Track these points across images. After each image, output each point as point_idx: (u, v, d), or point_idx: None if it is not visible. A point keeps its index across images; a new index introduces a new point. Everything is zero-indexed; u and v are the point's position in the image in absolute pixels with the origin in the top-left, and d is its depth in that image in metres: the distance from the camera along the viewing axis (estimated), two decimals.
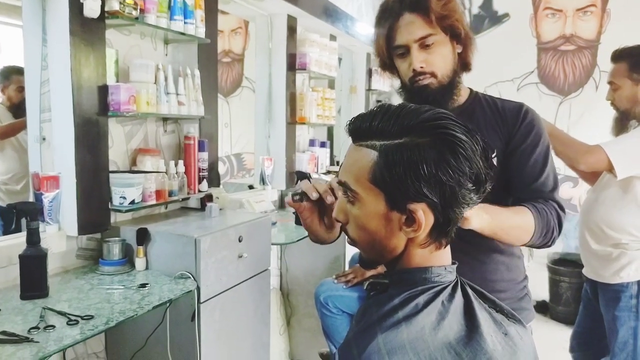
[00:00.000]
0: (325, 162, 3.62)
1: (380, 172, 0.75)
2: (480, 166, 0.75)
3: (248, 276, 2.10)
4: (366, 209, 0.79)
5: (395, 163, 0.74)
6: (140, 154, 2.10)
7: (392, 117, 0.76)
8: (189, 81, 2.15)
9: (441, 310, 0.77)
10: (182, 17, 2.03)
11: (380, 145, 0.76)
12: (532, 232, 1.17)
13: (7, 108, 2.87)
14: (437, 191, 0.74)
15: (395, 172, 0.74)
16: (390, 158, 0.74)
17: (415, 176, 0.73)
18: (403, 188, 0.74)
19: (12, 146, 2.86)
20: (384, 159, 0.75)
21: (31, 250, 1.53)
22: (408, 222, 0.77)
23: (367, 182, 0.77)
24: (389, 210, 0.77)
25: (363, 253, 0.87)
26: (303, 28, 3.29)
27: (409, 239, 0.79)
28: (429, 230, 0.78)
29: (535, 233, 1.18)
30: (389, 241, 0.80)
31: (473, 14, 4.76)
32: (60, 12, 1.69)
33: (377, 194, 0.77)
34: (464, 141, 0.74)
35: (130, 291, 1.66)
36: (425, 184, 0.73)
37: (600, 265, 2.17)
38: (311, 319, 3.07)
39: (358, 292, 2.13)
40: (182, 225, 2.01)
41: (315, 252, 3.05)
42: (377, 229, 0.79)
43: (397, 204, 0.76)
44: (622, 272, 2.10)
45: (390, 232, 0.79)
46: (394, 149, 0.74)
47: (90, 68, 1.77)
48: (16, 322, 1.37)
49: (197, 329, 1.81)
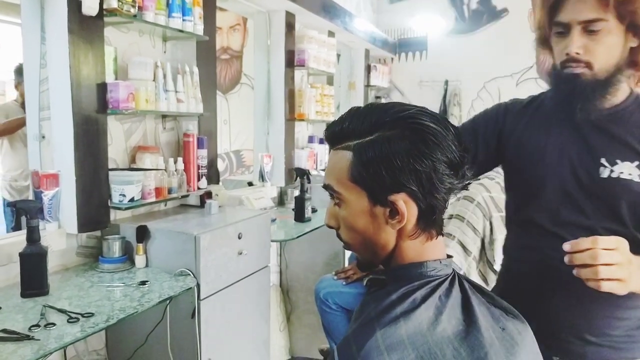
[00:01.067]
0: (324, 158, 3.62)
1: (357, 169, 0.78)
2: (453, 150, 0.77)
3: (248, 273, 2.11)
4: (351, 208, 0.81)
5: (369, 158, 0.76)
6: (139, 152, 2.10)
7: (361, 116, 0.80)
8: (187, 78, 2.15)
9: (439, 305, 0.77)
10: (181, 15, 2.03)
11: (354, 144, 0.79)
12: None
13: (20, 104, 2.90)
14: (413, 179, 0.75)
15: (370, 167, 0.76)
16: (364, 154, 0.77)
17: (390, 168, 0.75)
18: (380, 181, 0.76)
19: (22, 142, 2.87)
20: (358, 157, 0.78)
21: (31, 248, 1.54)
22: (392, 215, 0.78)
23: (348, 181, 0.80)
24: (372, 206, 0.79)
25: (358, 255, 0.88)
26: (301, 24, 3.29)
27: (398, 233, 0.80)
28: (415, 220, 0.79)
29: None
30: (379, 237, 0.81)
31: (472, 9, 4.75)
32: (58, 10, 1.69)
33: (358, 191, 0.79)
34: (431, 128, 0.76)
35: (130, 288, 1.67)
36: (400, 173, 0.75)
37: None
38: (311, 316, 3.08)
39: (358, 289, 2.13)
40: (182, 222, 2.01)
41: (315, 248, 3.06)
42: (365, 226, 0.81)
43: (378, 198, 0.78)
44: None
45: (378, 228, 0.80)
46: (366, 145, 0.77)
47: (89, 66, 1.77)
48: (17, 320, 1.38)
49: (198, 326, 1.82)
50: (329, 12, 3.39)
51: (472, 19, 4.76)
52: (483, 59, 4.62)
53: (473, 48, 4.70)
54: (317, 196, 3.11)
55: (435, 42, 4.88)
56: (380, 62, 5.01)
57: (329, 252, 3.05)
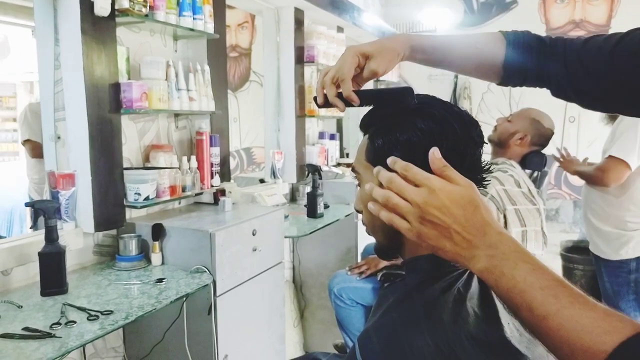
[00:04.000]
0: (335, 154, 3.62)
1: (370, 149, 0.83)
2: (458, 136, 0.78)
3: (262, 269, 2.12)
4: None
5: (377, 136, 0.82)
6: (153, 151, 2.11)
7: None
8: (199, 77, 2.16)
9: (457, 296, 0.77)
10: (191, 13, 2.04)
11: (371, 129, 0.85)
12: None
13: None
14: (413, 160, 0.72)
15: (377, 143, 0.81)
16: (375, 135, 0.83)
17: (392, 143, 0.79)
18: (385, 159, 0.76)
19: None
20: (370, 138, 0.84)
21: (50, 247, 1.56)
22: None
23: (365, 161, 0.84)
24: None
25: (374, 238, 0.89)
26: (310, 20, 3.29)
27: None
28: None
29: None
30: None
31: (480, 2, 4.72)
32: (71, 12, 1.70)
33: (372, 171, 0.81)
34: (435, 113, 0.79)
35: (147, 286, 1.68)
36: (402, 148, 0.78)
37: (602, 242, 2.37)
38: (324, 311, 3.09)
39: (372, 284, 2.14)
40: (197, 220, 2.03)
41: (327, 244, 3.07)
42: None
43: None
44: (621, 249, 2.30)
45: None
46: (379, 127, 0.83)
47: (102, 66, 1.78)
48: (38, 319, 1.40)
49: (214, 322, 1.83)
50: (338, 7, 3.38)
51: (481, 11, 4.73)
52: None
53: None
54: (329, 192, 3.11)
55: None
56: None
57: (342, 247, 3.05)
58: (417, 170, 0.68)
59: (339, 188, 3.21)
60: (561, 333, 0.57)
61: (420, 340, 0.71)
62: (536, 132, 2.13)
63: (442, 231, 0.65)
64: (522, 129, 2.12)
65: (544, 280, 0.60)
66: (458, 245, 0.65)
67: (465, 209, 0.64)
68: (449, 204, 0.64)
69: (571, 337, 0.56)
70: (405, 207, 0.66)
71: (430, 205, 0.64)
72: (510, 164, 2.05)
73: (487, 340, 0.73)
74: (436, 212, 0.64)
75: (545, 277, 0.61)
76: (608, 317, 0.57)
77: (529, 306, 0.60)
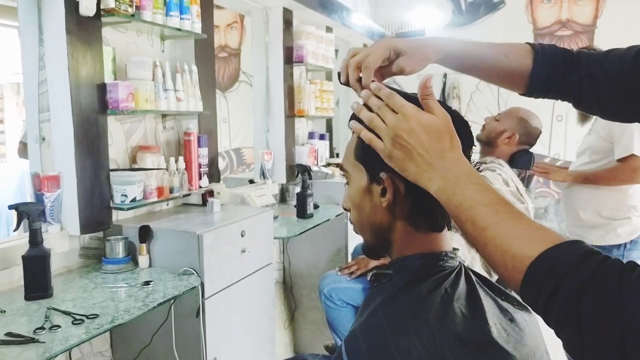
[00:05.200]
0: (325, 154, 3.61)
1: (359, 147, 0.82)
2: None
3: (251, 271, 2.11)
4: (354, 185, 0.84)
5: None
6: (140, 151, 2.09)
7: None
8: (186, 77, 2.14)
9: (445, 296, 0.76)
10: (178, 13, 2.02)
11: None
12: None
13: None
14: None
15: (366, 143, 0.78)
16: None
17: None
18: (374, 157, 0.77)
19: None
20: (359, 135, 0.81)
21: (34, 250, 1.53)
22: (383, 193, 0.79)
23: (353, 159, 0.84)
24: (369, 184, 0.81)
25: (361, 236, 0.88)
26: (299, 20, 3.28)
27: (391, 214, 0.80)
28: (406, 200, 0.78)
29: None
30: (375, 216, 0.82)
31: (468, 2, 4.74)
32: (56, 11, 1.68)
33: (360, 169, 0.82)
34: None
35: (134, 289, 1.66)
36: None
37: (585, 231, 2.49)
38: (315, 312, 3.08)
39: (362, 284, 2.14)
40: (184, 221, 2.01)
41: (317, 245, 3.06)
42: (363, 204, 0.83)
43: (374, 175, 0.80)
44: (607, 235, 2.44)
45: (374, 207, 0.82)
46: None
47: (88, 66, 1.76)
48: (21, 323, 1.38)
49: (202, 325, 1.82)
50: (326, 7, 3.38)
51: (469, 11, 4.75)
52: None
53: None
54: (319, 192, 3.10)
55: (433, 35, 4.87)
56: None
57: (332, 248, 3.04)
58: (397, 98, 0.73)
59: (328, 188, 3.20)
60: (496, 241, 0.63)
61: (407, 341, 0.70)
62: (524, 130, 2.14)
63: (408, 153, 0.71)
64: (510, 127, 2.13)
65: (489, 198, 0.66)
66: (420, 167, 0.71)
67: (430, 135, 0.70)
68: (417, 129, 0.70)
69: (504, 244, 0.62)
70: (382, 128, 0.73)
71: (401, 128, 0.71)
72: (498, 162, 2.05)
73: (474, 340, 0.72)
74: (404, 135, 0.71)
75: (490, 196, 0.66)
76: (540, 230, 0.62)
77: (473, 220, 0.65)
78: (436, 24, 4.84)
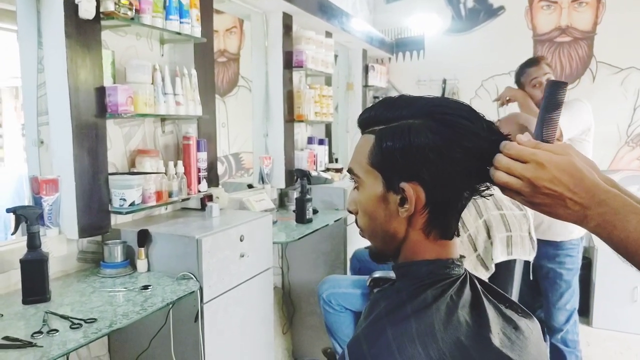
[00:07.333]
0: (324, 159, 3.61)
1: (376, 154, 0.79)
2: (480, 146, 0.76)
3: (250, 275, 2.10)
4: (367, 192, 0.81)
5: (388, 143, 0.77)
6: (139, 155, 2.08)
7: (390, 104, 0.80)
8: (186, 81, 2.14)
9: (450, 304, 0.76)
10: (178, 17, 2.02)
11: (378, 129, 0.80)
12: None
13: None
14: (427, 170, 0.75)
15: (388, 152, 0.77)
16: (385, 139, 0.78)
17: (406, 155, 0.75)
18: (395, 167, 0.76)
19: None
20: (378, 141, 0.79)
21: (32, 254, 1.53)
22: (402, 202, 0.78)
23: (367, 165, 0.80)
24: (386, 192, 0.79)
25: (370, 242, 0.87)
26: (298, 25, 3.28)
27: (408, 223, 0.79)
28: (425, 212, 0.78)
29: None
30: (390, 225, 0.81)
31: (468, 8, 4.75)
32: (55, 15, 1.68)
33: (375, 176, 0.80)
34: (458, 120, 0.76)
35: (132, 293, 1.65)
36: (415, 162, 0.75)
37: (560, 225, 2.54)
38: (313, 317, 3.07)
39: (361, 289, 2.12)
40: (183, 225, 2.00)
41: (316, 250, 3.05)
42: (377, 212, 0.81)
43: (392, 184, 0.78)
44: (564, 231, 2.52)
45: (389, 215, 0.80)
46: (388, 130, 0.78)
47: (87, 70, 1.76)
48: (19, 327, 1.37)
49: (201, 330, 1.81)
50: (326, 12, 3.38)
51: (468, 18, 4.76)
52: (480, 57, 4.61)
53: (470, 46, 4.69)
54: (318, 197, 3.10)
55: (433, 41, 4.88)
56: (378, 62, 5.00)
57: (331, 253, 3.03)
58: (521, 147, 0.71)
59: (328, 193, 3.20)
60: None
61: (411, 348, 0.70)
62: None
63: (555, 200, 0.68)
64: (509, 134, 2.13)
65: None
66: (571, 209, 0.68)
67: (573, 176, 0.67)
68: (559, 175, 0.67)
69: None
70: (516, 184, 0.70)
71: (541, 179, 0.68)
72: None
73: (478, 348, 0.72)
74: (548, 184, 0.68)
75: None
76: None
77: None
78: (436, 29, 4.85)
